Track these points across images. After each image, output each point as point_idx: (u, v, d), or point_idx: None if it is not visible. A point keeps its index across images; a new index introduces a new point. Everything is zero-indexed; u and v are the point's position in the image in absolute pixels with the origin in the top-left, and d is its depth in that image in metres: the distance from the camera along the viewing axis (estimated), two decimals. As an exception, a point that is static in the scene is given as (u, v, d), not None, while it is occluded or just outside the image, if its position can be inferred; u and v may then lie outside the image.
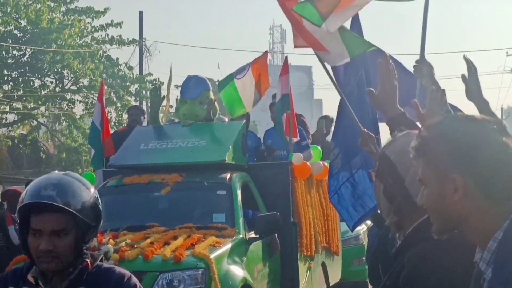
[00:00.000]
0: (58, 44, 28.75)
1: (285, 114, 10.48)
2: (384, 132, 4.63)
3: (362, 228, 12.36)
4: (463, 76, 4.14)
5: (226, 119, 10.87)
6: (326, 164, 11.20)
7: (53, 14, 30.01)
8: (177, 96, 11.01)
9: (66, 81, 30.97)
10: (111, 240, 7.74)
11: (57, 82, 30.91)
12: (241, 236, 8.67)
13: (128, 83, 30.24)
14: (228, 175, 9.41)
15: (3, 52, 29.26)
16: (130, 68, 30.47)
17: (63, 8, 30.11)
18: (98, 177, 10.19)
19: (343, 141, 7.15)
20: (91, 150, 10.87)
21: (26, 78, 29.68)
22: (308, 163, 10.51)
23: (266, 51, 11.45)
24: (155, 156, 9.52)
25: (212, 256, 7.75)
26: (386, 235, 3.50)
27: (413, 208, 2.84)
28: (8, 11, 29.01)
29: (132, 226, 8.81)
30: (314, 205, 10.79)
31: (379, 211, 3.26)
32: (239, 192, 9.20)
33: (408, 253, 2.82)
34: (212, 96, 10.54)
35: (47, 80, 30.46)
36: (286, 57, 10.80)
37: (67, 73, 30.16)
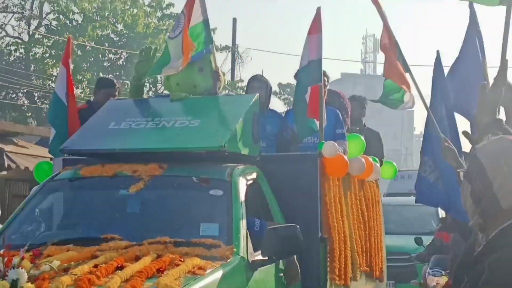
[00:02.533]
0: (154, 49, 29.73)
1: (309, 88, 7.60)
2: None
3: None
4: None
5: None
6: (371, 160, 8.28)
7: (149, 19, 32.43)
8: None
9: (159, 85, 32.59)
10: (25, 262, 4.90)
11: (151, 86, 32.76)
12: (240, 257, 5.82)
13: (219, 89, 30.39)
14: (228, 169, 6.56)
15: (100, 55, 31.60)
16: (223, 74, 29.90)
17: (158, 14, 32.58)
18: (56, 168, 7.39)
19: (432, 150, 7.21)
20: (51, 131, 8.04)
21: (121, 81, 30.14)
22: (345, 157, 7.62)
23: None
24: (127, 139, 6.70)
25: (187, 293, 4.96)
26: (472, 247, 3.42)
27: (499, 213, 3.03)
28: (106, 15, 31.35)
29: (79, 239, 6.03)
30: (351, 215, 7.90)
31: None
32: (242, 194, 6.37)
33: (490, 258, 2.95)
34: (215, 61, 7.70)
35: (141, 84, 31.88)
36: (319, 8, 7.90)
37: (160, 77, 31.88)
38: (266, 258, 6.02)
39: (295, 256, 6.61)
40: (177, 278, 5.11)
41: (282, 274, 6.53)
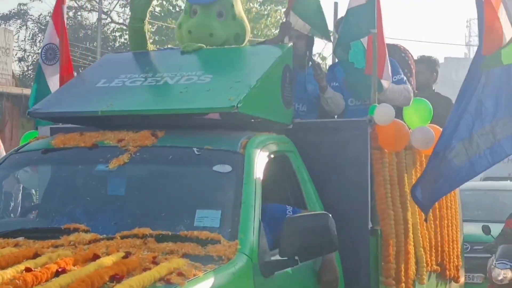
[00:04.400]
0: (255, 34, 29.06)
1: (366, 37, 5.90)
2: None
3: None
4: None
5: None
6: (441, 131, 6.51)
7: (250, 4, 31.61)
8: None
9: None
10: None
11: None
12: (247, 258, 4.18)
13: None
14: (243, 138, 4.91)
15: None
16: (323, 58, 29.42)
17: (260, -1, 34.37)
18: (42, 138, 5.85)
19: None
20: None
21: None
22: (405, 125, 5.89)
23: None
24: (115, 100, 5.11)
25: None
26: None
27: None
28: (208, 1, 32.01)
29: (35, 230, 4.49)
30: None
31: None
32: (259, 171, 4.72)
33: None
34: (239, 5, 6.04)
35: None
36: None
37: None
38: (285, 258, 4.36)
39: (333, 254, 4.93)
40: (138, 290, 3.50)
41: (313, 279, 4.87)
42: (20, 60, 35.22)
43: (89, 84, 5.43)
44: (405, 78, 6.45)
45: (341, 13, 6.66)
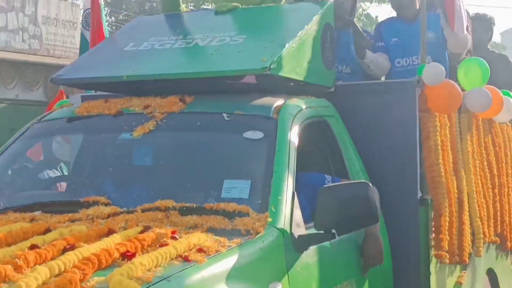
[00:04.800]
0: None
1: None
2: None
3: None
4: None
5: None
6: (500, 93, 6.07)
7: None
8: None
9: None
10: None
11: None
12: (278, 231, 3.82)
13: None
14: (277, 102, 4.53)
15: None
16: (368, 17, 29.08)
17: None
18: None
19: None
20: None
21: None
22: (456, 86, 5.45)
23: None
24: (142, 64, 4.78)
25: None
26: None
27: None
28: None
29: (52, 203, 4.19)
30: (472, 168, 5.69)
31: None
32: (294, 137, 4.35)
33: None
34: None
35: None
36: None
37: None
38: (322, 232, 3.99)
39: (377, 226, 4.55)
40: (151, 268, 3.18)
41: (354, 254, 4.49)
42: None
43: (117, 48, 5.13)
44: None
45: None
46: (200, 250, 3.44)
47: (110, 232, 3.60)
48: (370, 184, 4.02)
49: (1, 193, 4.54)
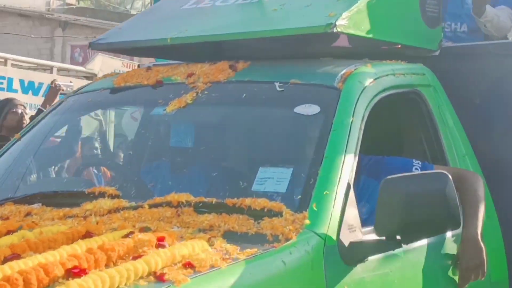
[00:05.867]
0: None
1: None
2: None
3: None
4: None
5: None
6: None
7: None
8: None
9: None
10: None
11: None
12: (318, 237, 2.85)
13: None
14: (348, 68, 3.53)
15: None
16: None
17: None
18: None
19: None
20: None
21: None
22: None
23: None
24: (194, 24, 3.92)
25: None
26: None
27: None
28: None
29: (52, 194, 3.45)
30: None
31: None
32: (359, 112, 3.33)
33: None
34: None
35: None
36: None
37: None
38: (383, 238, 2.99)
39: (477, 229, 3.48)
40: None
41: (444, 266, 3.44)
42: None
43: (175, 6, 4.28)
44: None
45: None
46: (187, 264, 2.55)
47: (87, 235, 2.77)
48: (449, 176, 2.97)
49: (22, 178, 3.83)
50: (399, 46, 3.99)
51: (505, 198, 3.86)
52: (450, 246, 3.47)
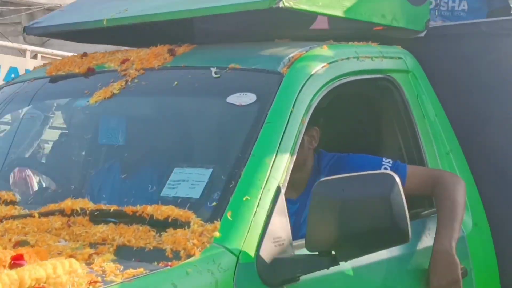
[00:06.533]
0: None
1: None
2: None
3: None
4: None
5: None
6: None
7: None
8: None
9: None
10: None
11: None
12: (228, 254, 2.32)
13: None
14: (299, 50, 2.97)
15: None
16: None
17: None
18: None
19: None
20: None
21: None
22: None
23: None
24: (135, 3, 3.42)
25: None
26: None
27: None
28: None
29: None
30: None
31: None
32: (301, 103, 2.76)
33: None
34: None
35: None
36: None
37: None
38: (315, 253, 2.44)
39: (451, 242, 2.89)
40: None
41: (407, 283, 2.87)
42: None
43: None
44: None
45: None
46: (40, 290, 2.04)
47: None
48: (396, 178, 2.39)
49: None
50: (381, 27, 3.44)
51: (498, 202, 3.28)
52: (419, 260, 2.90)
